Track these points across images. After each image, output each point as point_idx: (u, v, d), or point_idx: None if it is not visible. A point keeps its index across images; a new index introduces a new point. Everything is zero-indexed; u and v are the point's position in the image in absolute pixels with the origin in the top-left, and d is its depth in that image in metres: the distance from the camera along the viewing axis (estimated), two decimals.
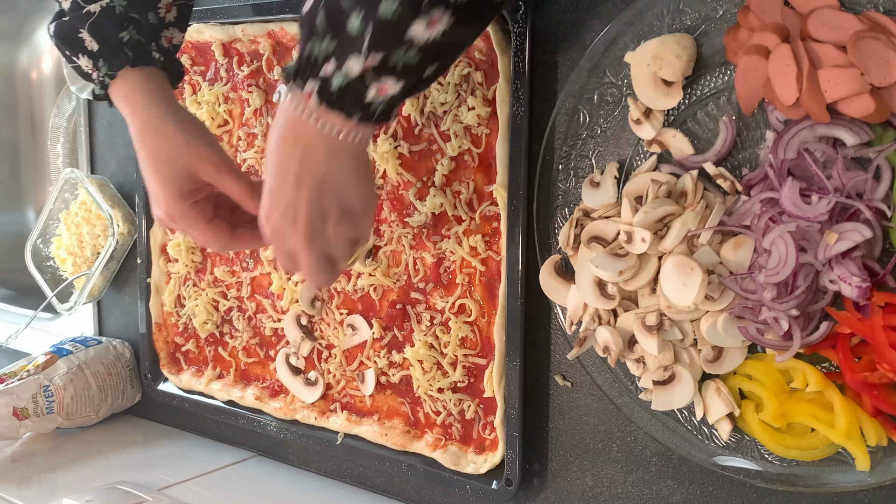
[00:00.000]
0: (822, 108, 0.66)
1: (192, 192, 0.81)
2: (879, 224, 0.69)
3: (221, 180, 0.81)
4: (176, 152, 0.80)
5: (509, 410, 0.90)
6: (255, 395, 1.14)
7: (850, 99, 0.66)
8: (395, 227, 0.99)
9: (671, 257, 0.76)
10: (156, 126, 0.80)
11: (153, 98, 0.81)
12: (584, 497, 0.90)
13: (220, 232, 0.83)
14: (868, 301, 0.68)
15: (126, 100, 0.81)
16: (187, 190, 0.81)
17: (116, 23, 0.80)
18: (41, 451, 1.25)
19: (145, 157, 0.81)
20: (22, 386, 1.20)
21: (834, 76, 0.66)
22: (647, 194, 0.78)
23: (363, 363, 1.04)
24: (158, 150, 0.80)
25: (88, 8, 0.80)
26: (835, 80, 0.66)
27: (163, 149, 0.80)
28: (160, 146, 0.80)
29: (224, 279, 1.17)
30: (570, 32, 0.86)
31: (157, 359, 1.26)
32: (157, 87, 0.82)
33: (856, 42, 0.65)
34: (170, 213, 0.82)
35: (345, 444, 1.04)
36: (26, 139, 1.75)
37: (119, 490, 1.06)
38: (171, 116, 0.81)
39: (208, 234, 0.83)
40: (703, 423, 0.80)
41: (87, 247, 1.34)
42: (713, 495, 0.82)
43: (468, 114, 0.91)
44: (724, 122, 0.76)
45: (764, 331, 0.73)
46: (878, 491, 0.73)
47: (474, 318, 0.93)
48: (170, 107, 0.82)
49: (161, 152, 0.80)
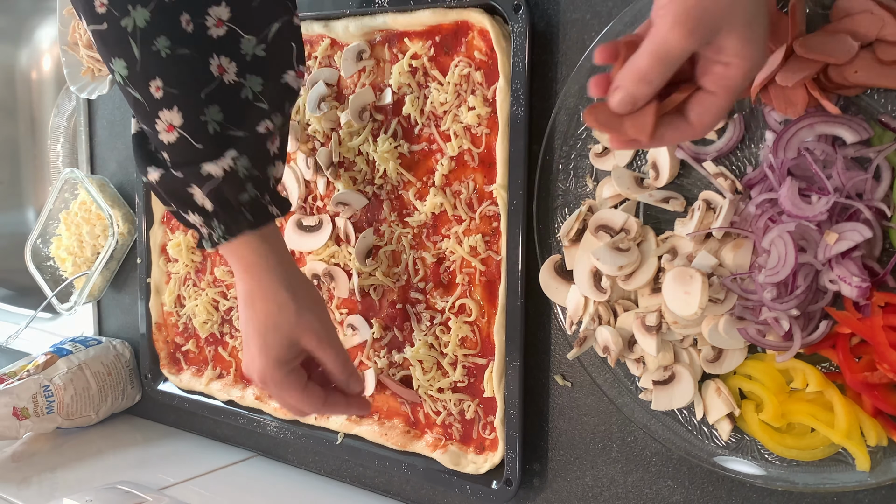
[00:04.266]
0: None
1: (291, 358, 0.80)
2: (879, 224, 0.69)
3: (321, 352, 0.80)
4: (284, 321, 0.78)
5: (509, 410, 0.90)
6: (255, 394, 1.14)
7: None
8: (395, 227, 0.99)
9: (669, 271, 0.76)
10: (267, 291, 0.77)
11: (270, 263, 0.77)
12: (584, 497, 0.90)
13: (314, 398, 0.82)
14: (868, 301, 0.68)
15: (240, 260, 0.78)
16: (286, 358, 0.79)
17: (239, 186, 0.74)
18: (41, 451, 1.25)
19: (251, 318, 0.79)
20: (22, 386, 1.20)
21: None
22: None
23: (363, 363, 1.04)
24: (266, 316, 0.78)
25: (208, 169, 0.72)
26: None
27: (271, 315, 0.78)
28: (269, 312, 0.77)
29: (224, 279, 1.17)
30: (570, 32, 0.86)
31: (157, 359, 1.26)
32: (273, 249, 0.78)
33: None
34: (264, 378, 0.80)
35: (345, 444, 1.04)
36: (26, 139, 1.75)
37: (119, 490, 1.06)
38: (285, 283, 0.78)
39: (303, 400, 0.81)
40: (703, 423, 0.80)
41: (87, 247, 1.34)
42: (713, 495, 0.82)
43: (468, 114, 0.91)
44: (735, 119, 0.75)
45: (765, 332, 0.73)
46: (878, 491, 0.73)
47: (474, 318, 0.93)
48: (284, 271, 0.78)
49: (269, 318, 0.78)
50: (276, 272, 0.78)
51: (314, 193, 1.05)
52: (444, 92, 0.92)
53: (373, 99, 0.98)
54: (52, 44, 1.70)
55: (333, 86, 1.02)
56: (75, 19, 1.30)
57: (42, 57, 1.73)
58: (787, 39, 0.69)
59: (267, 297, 0.78)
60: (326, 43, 1.01)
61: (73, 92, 1.31)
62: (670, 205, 0.79)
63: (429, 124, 0.95)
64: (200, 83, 0.72)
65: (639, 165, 0.82)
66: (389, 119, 0.97)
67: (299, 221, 1.06)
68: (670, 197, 0.79)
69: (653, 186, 0.80)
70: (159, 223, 1.23)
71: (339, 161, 1.02)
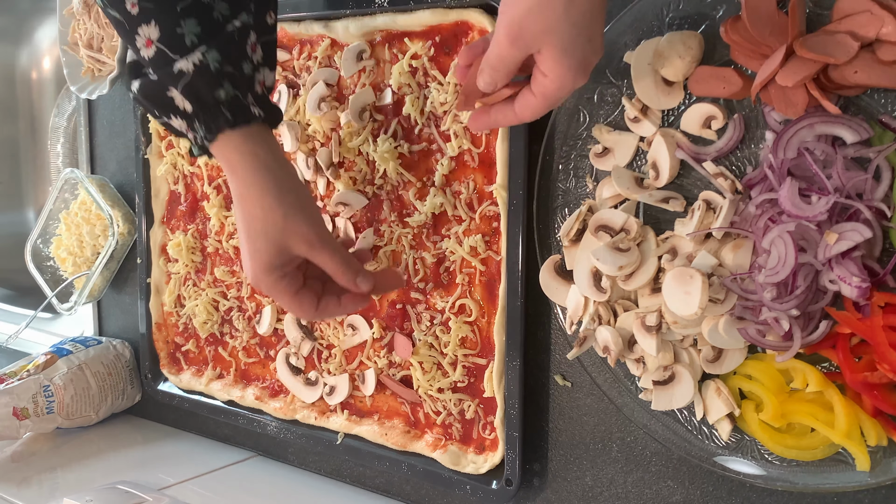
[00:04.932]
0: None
1: (282, 265, 0.79)
2: (879, 224, 0.69)
3: (315, 255, 0.79)
4: (271, 227, 0.77)
5: (509, 410, 0.90)
6: (255, 395, 1.14)
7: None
8: (395, 227, 0.99)
9: (669, 271, 0.76)
10: (254, 196, 0.77)
11: (254, 164, 0.77)
12: (584, 497, 0.90)
13: (305, 304, 0.81)
14: (868, 301, 0.68)
15: (227, 162, 0.78)
16: (277, 263, 0.78)
17: (212, 81, 0.74)
18: (41, 451, 1.25)
19: (240, 221, 0.78)
20: (22, 386, 1.20)
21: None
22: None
23: (363, 363, 1.04)
24: (253, 220, 0.77)
25: (179, 66, 0.74)
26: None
27: (258, 220, 0.77)
28: (255, 216, 0.77)
29: (224, 279, 1.17)
30: None
31: (157, 359, 1.26)
32: (259, 149, 0.77)
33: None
34: (256, 282, 0.80)
35: (345, 444, 1.04)
36: (26, 139, 1.75)
37: (119, 490, 1.06)
38: (272, 187, 0.77)
39: (293, 305, 0.81)
40: (703, 423, 0.80)
41: (87, 247, 1.34)
42: (713, 495, 0.82)
43: (468, 114, 0.91)
44: (735, 119, 0.76)
45: (765, 332, 0.73)
46: (878, 491, 0.73)
47: (474, 318, 0.93)
48: (271, 174, 0.77)
49: (255, 223, 0.77)
50: (260, 174, 0.77)
51: (314, 193, 1.05)
52: (445, 92, 0.92)
53: (373, 99, 0.98)
54: (52, 44, 1.70)
55: (333, 86, 1.02)
56: (75, 19, 1.30)
57: (42, 57, 1.73)
58: (787, 39, 0.69)
59: (253, 201, 0.77)
60: (326, 43, 1.01)
61: (73, 92, 1.31)
62: (670, 205, 0.79)
63: (429, 124, 0.95)
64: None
65: (639, 165, 0.82)
66: (389, 119, 0.97)
67: None
68: (670, 197, 0.79)
69: (653, 186, 0.80)
70: (159, 223, 1.23)
71: (339, 161, 1.02)
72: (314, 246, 0.79)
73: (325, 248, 0.79)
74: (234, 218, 0.80)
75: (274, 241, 0.78)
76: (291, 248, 0.78)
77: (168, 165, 1.20)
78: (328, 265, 0.80)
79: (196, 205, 1.19)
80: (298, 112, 1.05)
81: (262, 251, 0.78)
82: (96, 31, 1.28)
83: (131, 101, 1.24)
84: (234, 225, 1.14)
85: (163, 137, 1.21)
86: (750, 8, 0.70)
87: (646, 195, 0.80)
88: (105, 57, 1.28)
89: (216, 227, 1.16)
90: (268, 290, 0.80)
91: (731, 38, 0.72)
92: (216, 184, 1.16)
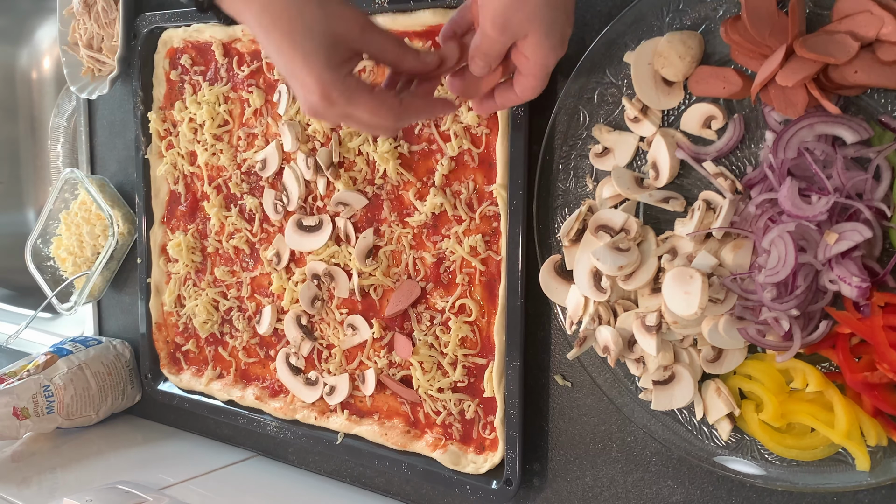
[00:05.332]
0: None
1: (343, 62, 0.69)
2: (879, 224, 0.69)
3: (370, 40, 0.70)
4: (312, 19, 0.67)
5: (509, 410, 0.90)
6: (255, 394, 1.14)
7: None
8: (395, 227, 0.99)
9: (669, 271, 0.76)
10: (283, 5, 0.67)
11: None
12: (584, 497, 0.90)
13: (389, 101, 0.71)
14: (868, 301, 0.68)
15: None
16: (337, 60, 0.68)
17: None
18: (41, 451, 1.25)
19: (277, 38, 0.68)
20: (22, 386, 1.20)
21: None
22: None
23: (363, 363, 1.04)
24: (290, 24, 0.67)
25: None
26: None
27: (295, 20, 0.67)
28: (292, 20, 0.67)
29: (224, 279, 1.17)
30: None
31: (157, 359, 1.26)
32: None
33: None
34: (325, 93, 0.69)
35: (345, 444, 1.04)
36: (26, 139, 1.75)
37: (119, 490, 1.06)
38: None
39: (376, 105, 0.70)
40: (703, 423, 0.80)
41: (87, 247, 1.34)
42: (713, 495, 0.82)
43: (468, 114, 0.91)
44: (735, 119, 0.76)
45: (765, 332, 0.73)
46: (878, 491, 0.73)
47: (474, 318, 0.93)
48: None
49: (294, 24, 0.67)
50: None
51: (314, 193, 1.05)
52: (445, 92, 0.92)
53: None
54: (52, 44, 1.70)
55: None
56: (75, 19, 1.30)
57: (42, 57, 1.73)
58: (787, 39, 0.69)
59: (281, 7, 0.67)
60: None
61: (73, 92, 1.31)
62: (670, 205, 0.79)
63: (429, 124, 0.95)
64: None
65: (639, 165, 0.82)
66: None
67: (299, 221, 1.06)
68: (670, 197, 0.79)
69: (653, 186, 0.80)
70: (159, 223, 1.23)
71: (340, 161, 1.02)
72: (365, 27, 0.70)
73: (376, 28, 0.71)
74: (268, 50, 0.70)
75: (323, 34, 0.68)
76: (343, 35, 0.69)
77: (168, 165, 1.20)
78: (386, 47, 0.71)
79: (196, 205, 1.19)
80: (298, 112, 1.05)
81: (316, 51, 0.68)
82: (96, 31, 1.28)
83: (131, 101, 1.24)
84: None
85: (163, 137, 1.21)
86: (750, 8, 0.70)
87: (646, 195, 0.80)
88: (105, 57, 1.28)
89: (216, 227, 1.16)
90: (342, 93, 0.69)
91: (731, 38, 0.72)
92: (216, 184, 1.16)
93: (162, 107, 1.21)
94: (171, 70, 1.19)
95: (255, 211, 1.12)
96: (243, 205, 1.13)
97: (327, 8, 0.68)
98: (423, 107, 0.76)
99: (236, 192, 1.13)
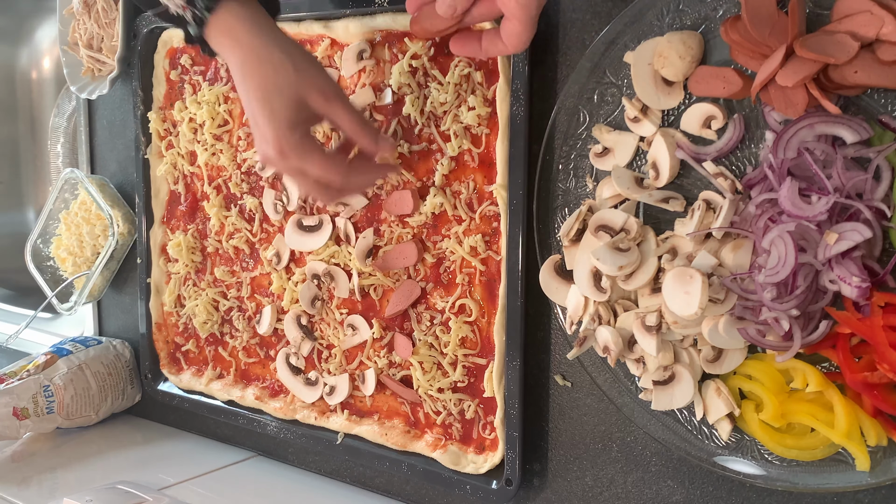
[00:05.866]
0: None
1: (303, 122, 0.76)
2: (879, 224, 0.69)
3: (333, 111, 0.76)
4: (284, 82, 0.74)
5: (509, 410, 0.90)
6: (255, 395, 1.14)
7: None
8: (395, 227, 0.99)
9: (669, 271, 0.76)
10: (261, 55, 0.74)
11: (257, 27, 0.75)
12: (584, 497, 0.90)
13: (337, 162, 0.77)
14: (868, 301, 0.68)
15: (228, 34, 0.75)
16: (298, 120, 0.75)
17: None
18: (41, 451, 1.25)
19: (251, 88, 0.75)
20: (22, 386, 1.20)
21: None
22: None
23: (363, 363, 1.04)
24: (265, 80, 0.74)
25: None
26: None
27: (269, 78, 0.74)
28: (266, 76, 0.74)
29: (224, 279, 1.17)
30: (569, 32, 0.86)
31: (157, 359, 1.26)
32: (260, 16, 0.76)
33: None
34: (280, 148, 0.75)
35: (345, 444, 1.04)
36: (26, 139, 1.75)
37: (119, 490, 1.06)
38: (278, 44, 0.75)
39: (326, 164, 0.76)
40: (703, 423, 0.80)
41: (87, 247, 1.34)
42: (713, 495, 0.82)
43: (468, 114, 0.91)
44: (735, 119, 0.76)
45: (765, 332, 0.73)
46: (878, 491, 0.73)
47: (474, 318, 0.93)
48: (275, 34, 0.76)
49: (268, 81, 0.74)
50: (266, 36, 0.75)
51: None
52: (444, 92, 0.92)
53: (373, 99, 0.98)
54: (52, 44, 1.70)
55: None
56: (75, 19, 1.30)
57: (42, 57, 1.73)
58: (787, 39, 0.69)
59: (262, 62, 0.75)
60: (326, 43, 1.01)
61: (73, 92, 1.31)
62: (670, 205, 0.79)
63: (429, 124, 0.95)
64: None
65: (639, 165, 0.82)
66: (389, 119, 0.97)
67: (300, 221, 1.06)
68: (670, 197, 0.79)
69: (653, 186, 0.80)
70: (159, 223, 1.23)
71: None
72: (330, 98, 0.76)
73: (342, 101, 0.77)
74: (241, 94, 0.76)
75: (290, 97, 0.75)
76: (308, 101, 0.76)
77: (168, 165, 1.20)
78: (346, 120, 0.77)
79: (196, 205, 1.19)
80: None
81: (280, 109, 0.75)
82: (96, 31, 1.28)
83: (131, 101, 1.24)
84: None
85: (163, 137, 1.21)
86: (750, 8, 0.70)
87: (646, 195, 0.80)
88: (105, 57, 1.28)
89: (216, 227, 1.16)
90: (294, 149, 0.76)
91: (731, 38, 0.72)
92: (216, 184, 1.16)
93: (162, 107, 1.21)
94: (171, 70, 1.19)
95: (255, 211, 1.12)
96: (243, 205, 1.13)
97: (301, 73, 0.74)
98: (370, 169, 0.82)
99: (236, 192, 1.13)
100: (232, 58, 0.76)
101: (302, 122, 0.76)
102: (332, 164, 0.77)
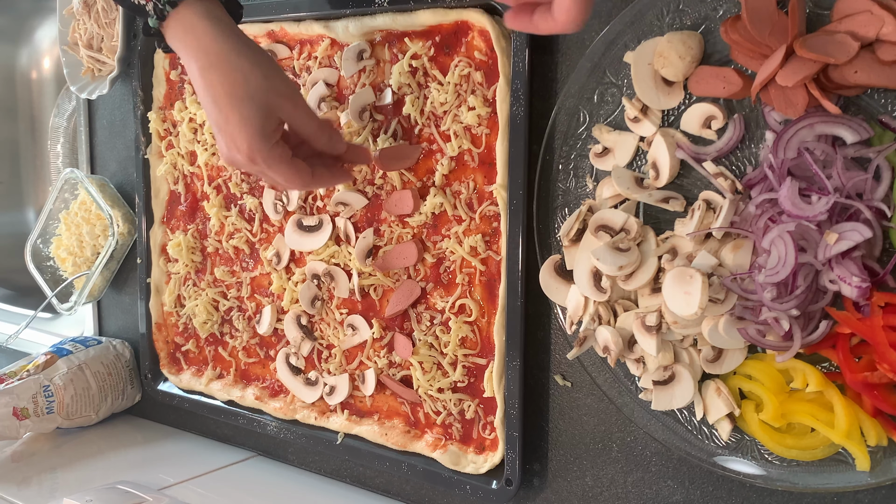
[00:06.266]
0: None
1: (273, 131, 0.77)
2: (879, 224, 0.69)
3: (297, 116, 0.77)
4: (255, 88, 0.74)
5: (509, 410, 0.90)
6: (255, 395, 1.14)
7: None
8: (395, 227, 0.99)
9: (669, 271, 0.76)
10: (230, 61, 0.74)
11: (222, 30, 0.74)
12: (584, 497, 0.90)
13: (303, 171, 0.80)
14: (868, 301, 0.68)
15: (190, 32, 0.75)
16: (269, 129, 0.76)
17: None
18: (41, 451, 1.25)
19: (220, 95, 0.74)
20: (22, 386, 1.20)
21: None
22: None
23: (363, 363, 1.04)
24: (234, 87, 0.74)
25: None
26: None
27: (239, 85, 0.74)
28: (235, 83, 0.74)
29: (224, 279, 1.17)
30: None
31: (157, 359, 1.26)
32: (223, 15, 0.76)
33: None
34: (251, 156, 0.76)
35: (345, 444, 1.04)
36: (26, 139, 1.75)
37: (119, 490, 1.06)
38: (245, 50, 0.75)
39: (292, 173, 0.78)
40: (703, 423, 0.80)
41: (87, 247, 1.34)
42: (713, 495, 0.82)
43: (468, 114, 0.91)
44: (735, 119, 0.76)
45: (765, 332, 0.73)
46: (878, 491, 0.73)
47: (474, 318, 0.93)
48: (241, 39, 0.76)
49: (238, 89, 0.74)
50: (230, 39, 0.75)
51: (314, 193, 1.05)
52: (444, 92, 0.92)
53: (373, 99, 0.98)
54: (52, 44, 1.70)
55: (333, 86, 1.02)
56: (75, 19, 1.30)
57: (42, 57, 1.73)
58: (787, 39, 0.69)
59: (229, 68, 0.74)
60: (326, 43, 1.01)
61: (73, 92, 1.31)
62: (670, 205, 0.79)
63: (429, 124, 0.95)
64: None
65: (639, 165, 0.82)
66: (389, 119, 0.97)
67: (299, 221, 1.06)
68: (670, 197, 0.79)
69: (653, 186, 0.80)
70: (159, 223, 1.23)
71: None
72: (297, 104, 0.78)
73: (306, 108, 0.79)
74: (203, 98, 0.75)
75: (261, 104, 0.75)
76: (277, 108, 0.76)
77: (168, 165, 1.20)
78: (307, 125, 0.79)
79: (196, 205, 1.19)
80: None
81: (252, 117, 0.75)
82: (96, 31, 1.28)
83: (131, 101, 1.24)
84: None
85: (163, 137, 1.21)
86: (750, 8, 0.70)
87: (646, 195, 0.80)
88: (105, 57, 1.28)
89: (216, 227, 1.16)
90: (265, 159, 0.77)
91: (731, 38, 0.72)
92: (216, 184, 1.16)
93: (162, 107, 1.21)
94: (170, 70, 1.19)
95: (255, 211, 1.12)
96: (243, 205, 1.13)
97: (270, 80, 0.75)
98: (329, 176, 0.85)
99: (236, 192, 1.13)
100: (194, 60, 0.75)
101: (272, 131, 0.77)
102: (297, 174, 0.80)
